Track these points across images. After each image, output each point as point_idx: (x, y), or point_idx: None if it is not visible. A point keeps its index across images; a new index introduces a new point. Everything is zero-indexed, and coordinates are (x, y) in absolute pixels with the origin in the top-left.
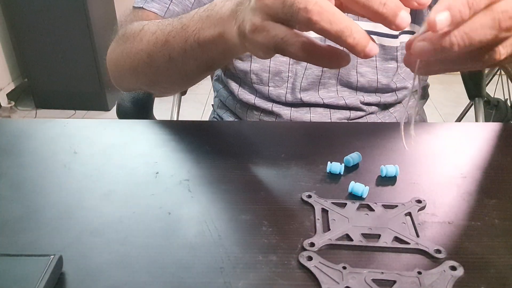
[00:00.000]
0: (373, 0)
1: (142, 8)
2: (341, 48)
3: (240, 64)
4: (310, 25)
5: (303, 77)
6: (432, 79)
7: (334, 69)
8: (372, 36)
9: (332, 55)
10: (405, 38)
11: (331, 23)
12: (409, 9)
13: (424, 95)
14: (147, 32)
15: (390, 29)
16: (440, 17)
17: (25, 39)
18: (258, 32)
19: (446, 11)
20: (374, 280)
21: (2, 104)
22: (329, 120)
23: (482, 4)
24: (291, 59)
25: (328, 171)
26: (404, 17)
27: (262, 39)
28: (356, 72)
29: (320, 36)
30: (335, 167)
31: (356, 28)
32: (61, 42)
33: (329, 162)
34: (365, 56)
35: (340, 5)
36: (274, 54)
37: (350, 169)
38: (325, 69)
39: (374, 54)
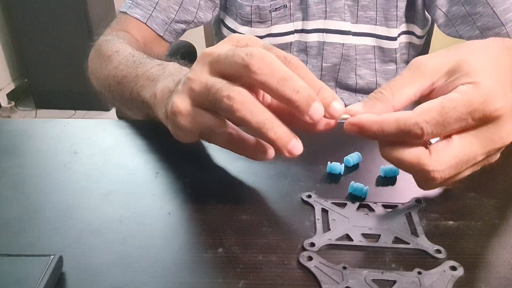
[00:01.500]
0: (286, 86)
1: (126, 13)
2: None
3: None
4: (232, 113)
5: None
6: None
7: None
8: (371, 38)
9: (257, 149)
10: (404, 39)
11: (252, 113)
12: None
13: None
14: (113, 61)
15: (304, 120)
16: (349, 121)
17: (25, 39)
18: (182, 116)
19: (358, 121)
20: (374, 280)
21: (2, 104)
22: None
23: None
24: None
25: (328, 171)
26: (317, 108)
27: (187, 123)
28: (355, 74)
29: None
30: (335, 167)
31: (278, 123)
32: (61, 42)
33: (329, 162)
34: (288, 154)
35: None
36: (198, 139)
37: (350, 169)
38: (324, 72)
39: (298, 153)
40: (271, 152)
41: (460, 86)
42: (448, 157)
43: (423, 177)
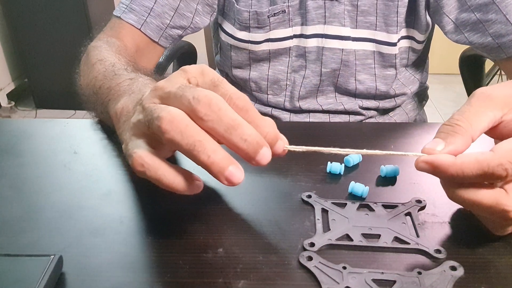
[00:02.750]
0: (234, 134)
1: (120, 18)
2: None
3: (240, 73)
4: (162, 134)
5: (301, 86)
6: (432, 79)
7: (331, 78)
8: (371, 43)
9: (178, 180)
10: (404, 43)
11: (182, 134)
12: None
13: (423, 97)
14: (95, 70)
15: (250, 164)
16: (424, 163)
17: (25, 39)
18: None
19: (432, 162)
20: (374, 280)
21: (2, 104)
22: None
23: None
24: (289, 67)
25: (328, 171)
26: (265, 153)
27: (127, 155)
28: (355, 79)
29: None
30: (335, 167)
31: (212, 147)
32: (61, 42)
33: (329, 162)
34: (227, 182)
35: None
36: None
37: (350, 169)
38: (323, 77)
39: (237, 182)
40: (196, 186)
41: None
42: None
43: (501, 218)
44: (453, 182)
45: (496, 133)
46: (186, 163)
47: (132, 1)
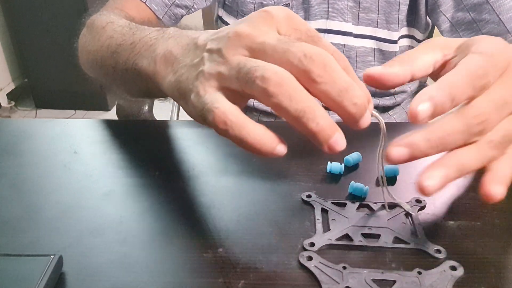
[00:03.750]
0: (346, 98)
1: None
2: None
3: None
4: (267, 98)
5: None
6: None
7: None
8: (371, 41)
9: (264, 140)
10: (404, 42)
11: (291, 99)
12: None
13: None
14: (107, 31)
15: (351, 127)
16: (422, 107)
17: (25, 39)
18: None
19: (428, 102)
20: (374, 280)
21: (2, 104)
22: None
23: (463, 98)
24: None
25: (328, 171)
26: (367, 117)
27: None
28: None
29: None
30: (335, 167)
31: (321, 113)
32: (61, 42)
33: (329, 162)
34: (329, 149)
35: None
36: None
37: (350, 169)
38: None
39: (340, 149)
40: (281, 148)
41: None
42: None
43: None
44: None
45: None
46: None
47: None
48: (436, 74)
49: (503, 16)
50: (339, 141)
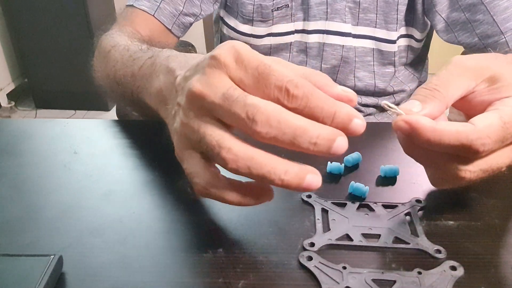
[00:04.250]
0: (301, 141)
1: (132, 6)
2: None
3: None
4: (226, 168)
5: None
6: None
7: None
8: (370, 41)
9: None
10: (403, 42)
11: (250, 169)
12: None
13: None
14: (111, 58)
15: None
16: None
17: (25, 39)
18: (178, 158)
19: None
20: (374, 280)
21: (2, 104)
22: None
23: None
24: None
25: (328, 171)
26: (339, 144)
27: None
28: (354, 76)
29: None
30: (335, 167)
31: (281, 169)
32: (61, 42)
33: (329, 162)
34: (307, 190)
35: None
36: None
37: (350, 169)
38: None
39: (316, 187)
40: (272, 194)
41: (508, 99)
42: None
43: (452, 176)
44: (419, 144)
45: (465, 104)
46: None
47: None
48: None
49: (497, 17)
50: (312, 182)
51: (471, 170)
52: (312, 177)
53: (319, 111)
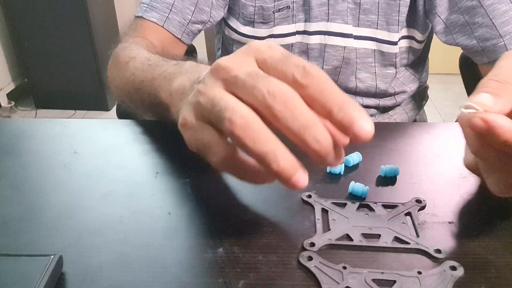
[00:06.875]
0: (307, 134)
1: (142, 17)
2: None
3: None
4: (233, 138)
5: None
6: (432, 79)
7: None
8: (372, 42)
9: (257, 175)
10: (404, 43)
11: (255, 142)
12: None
13: (423, 96)
14: (130, 68)
15: (320, 165)
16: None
17: (25, 39)
18: (187, 129)
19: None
20: (374, 280)
21: (2, 104)
22: None
23: None
24: None
25: (328, 171)
26: (299, 178)
27: (189, 136)
28: (355, 78)
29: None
30: (335, 167)
31: (283, 155)
32: (61, 42)
33: None
34: (292, 186)
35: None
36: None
37: (350, 169)
38: None
39: (302, 186)
40: (273, 179)
41: None
42: None
43: None
44: (493, 145)
45: None
46: None
47: None
48: None
49: (496, 20)
50: (300, 180)
51: None
52: (302, 175)
53: (329, 94)
